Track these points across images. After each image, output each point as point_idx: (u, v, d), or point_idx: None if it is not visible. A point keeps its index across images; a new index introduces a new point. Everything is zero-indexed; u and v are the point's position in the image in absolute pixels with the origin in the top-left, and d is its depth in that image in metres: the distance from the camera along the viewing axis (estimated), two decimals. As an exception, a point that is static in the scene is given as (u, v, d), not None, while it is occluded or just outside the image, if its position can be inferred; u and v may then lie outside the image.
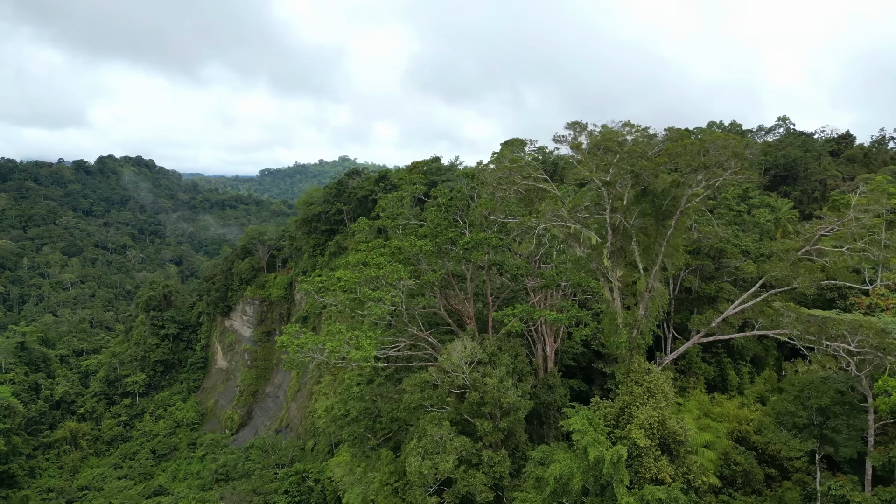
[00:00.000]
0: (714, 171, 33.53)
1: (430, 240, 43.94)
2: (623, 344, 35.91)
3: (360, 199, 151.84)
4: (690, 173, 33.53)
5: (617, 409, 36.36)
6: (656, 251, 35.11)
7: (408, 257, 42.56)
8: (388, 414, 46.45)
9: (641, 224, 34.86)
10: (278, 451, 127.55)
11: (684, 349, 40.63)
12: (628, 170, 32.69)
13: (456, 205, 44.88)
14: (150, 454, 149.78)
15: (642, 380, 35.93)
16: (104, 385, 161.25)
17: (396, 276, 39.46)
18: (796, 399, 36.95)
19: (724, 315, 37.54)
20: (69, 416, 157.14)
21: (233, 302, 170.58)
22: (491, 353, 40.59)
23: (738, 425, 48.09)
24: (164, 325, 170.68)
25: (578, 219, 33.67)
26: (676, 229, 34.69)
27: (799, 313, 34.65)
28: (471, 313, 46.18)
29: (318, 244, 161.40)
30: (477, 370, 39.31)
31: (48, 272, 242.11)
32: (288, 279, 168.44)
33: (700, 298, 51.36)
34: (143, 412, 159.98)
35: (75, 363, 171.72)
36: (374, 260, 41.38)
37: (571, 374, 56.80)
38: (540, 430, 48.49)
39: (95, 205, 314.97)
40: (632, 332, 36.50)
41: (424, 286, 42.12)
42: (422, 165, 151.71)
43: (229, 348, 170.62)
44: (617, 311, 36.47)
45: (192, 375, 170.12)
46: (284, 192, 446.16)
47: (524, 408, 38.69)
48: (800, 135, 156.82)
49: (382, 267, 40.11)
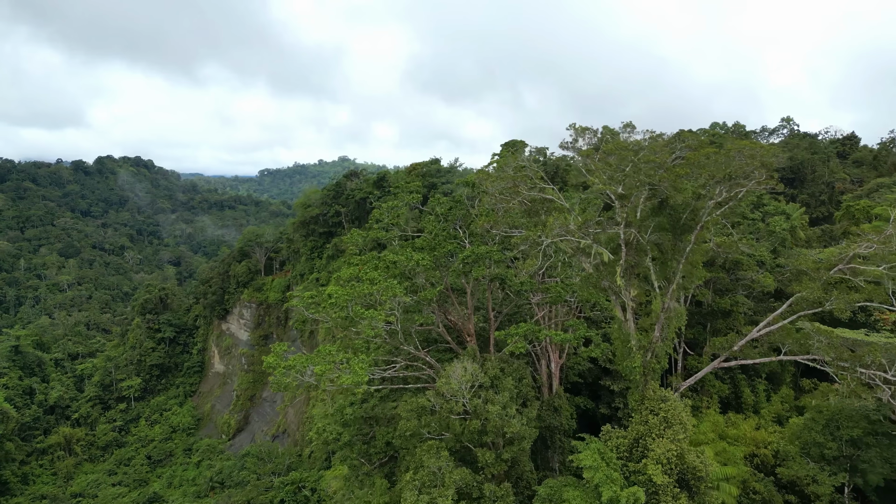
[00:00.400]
0: (739, 181, 30.45)
1: (428, 252, 40.80)
2: (637, 369, 32.80)
3: (358, 202, 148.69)
4: (713, 184, 30.42)
5: (630, 440, 33.21)
6: (673, 268, 32.03)
7: (403, 272, 39.40)
8: (383, 437, 43.32)
9: (657, 239, 31.79)
10: (274, 458, 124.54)
11: (702, 374, 37.53)
12: (645, 181, 29.62)
13: (455, 214, 41.76)
14: (146, 460, 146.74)
15: (658, 408, 32.79)
16: (99, 389, 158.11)
17: (391, 293, 36.32)
18: (825, 429, 33.93)
19: (747, 338, 34.45)
20: (63, 422, 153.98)
21: (230, 305, 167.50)
22: (493, 377, 37.43)
23: (755, 448, 44.97)
24: (160, 328, 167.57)
25: (589, 233, 30.60)
26: (696, 245, 31.59)
27: (831, 338, 31.59)
28: (471, 330, 43.03)
29: (316, 247, 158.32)
30: (478, 395, 36.16)
31: (45, 274, 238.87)
32: (286, 282, 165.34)
33: (714, 313, 48.32)
34: (138, 417, 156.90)
35: (70, 367, 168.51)
36: (367, 275, 38.21)
37: (577, 391, 53.70)
38: (545, 453, 45.36)
39: (94, 205, 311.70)
40: (646, 355, 33.37)
41: (421, 302, 38.98)
42: (421, 167, 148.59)
43: (226, 352, 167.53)
44: (630, 332, 33.36)
45: (189, 379, 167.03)
46: (284, 193, 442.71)
47: (529, 437, 35.56)
48: (804, 136, 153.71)
49: (376, 283, 36.96)
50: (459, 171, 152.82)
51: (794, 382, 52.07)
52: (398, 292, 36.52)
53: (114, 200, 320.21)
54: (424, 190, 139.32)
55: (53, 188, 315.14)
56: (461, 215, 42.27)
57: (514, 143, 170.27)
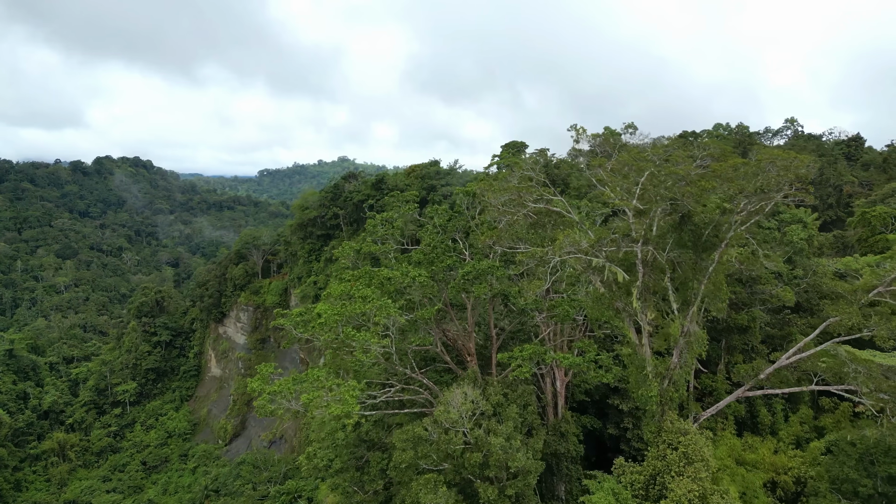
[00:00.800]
0: (770, 195, 27.34)
1: (426, 266, 37.66)
2: (653, 398, 29.68)
3: (356, 204, 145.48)
4: (740, 198, 27.32)
5: (647, 477, 30.10)
6: (694, 289, 28.96)
7: (399, 289, 36.25)
8: (378, 464, 40.17)
9: (676, 257, 28.71)
10: (270, 466, 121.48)
11: (725, 403, 34.43)
12: (666, 196, 26.54)
13: (455, 225, 38.64)
14: (141, 466, 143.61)
15: (677, 442, 29.67)
16: (94, 394, 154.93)
17: (385, 312, 33.17)
18: (858, 464, 30.92)
19: (775, 366, 31.36)
20: (57, 427, 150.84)
21: (226, 308, 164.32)
22: (496, 404, 34.28)
23: (774, 475, 41.85)
24: (156, 331, 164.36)
25: (602, 251, 27.54)
26: (720, 264, 28.50)
27: (869, 367, 28.51)
28: (472, 349, 39.89)
29: (314, 249, 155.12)
30: (479, 424, 33.03)
31: (42, 275, 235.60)
32: (283, 285, 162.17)
33: (730, 329, 45.23)
34: (133, 422, 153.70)
35: (65, 371, 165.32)
36: (359, 292, 35.06)
37: (583, 410, 50.57)
38: (550, 480, 42.24)
39: (92, 206, 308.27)
40: (663, 382, 30.27)
41: (418, 321, 35.83)
42: (420, 169, 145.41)
43: (223, 356, 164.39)
44: (646, 357, 30.25)
45: (185, 384, 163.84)
46: (283, 193, 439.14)
47: (535, 471, 32.44)
48: (810, 137, 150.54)
49: (369, 301, 33.81)
50: (459, 173, 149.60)
51: (812, 401, 48.95)
52: (393, 312, 33.39)
53: (112, 201, 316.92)
54: (424, 192, 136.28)
55: (51, 189, 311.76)
56: (461, 226, 39.14)
57: (515, 144, 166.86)
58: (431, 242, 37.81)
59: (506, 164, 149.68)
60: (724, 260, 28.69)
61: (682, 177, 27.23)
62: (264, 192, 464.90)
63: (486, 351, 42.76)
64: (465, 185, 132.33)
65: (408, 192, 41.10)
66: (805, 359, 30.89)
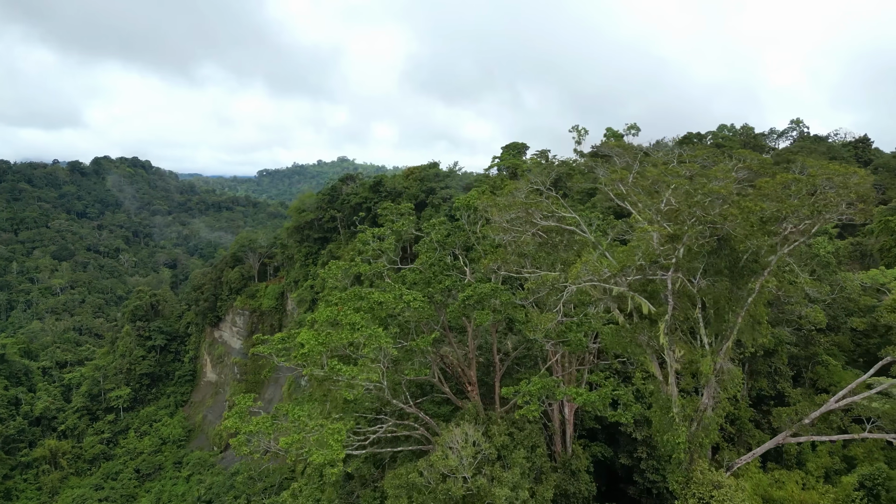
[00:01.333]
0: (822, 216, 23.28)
1: (422, 287, 33.55)
2: (681, 445, 25.62)
3: (353, 207, 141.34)
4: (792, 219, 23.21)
5: (674, 536, 26.06)
6: (730, 322, 24.96)
7: (392, 314, 32.13)
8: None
9: (710, 286, 24.68)
10: (265, 477, 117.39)
11: (763, 450, 30.38)
12: (704, 219, 22.43)
13: (454, 241, 34.58)
14: (134, 474, 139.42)
15: (708, 496, 25.61)
16: (87, 400, 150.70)
17: (375, 343, 29.07)
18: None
19: (822, 410, 27.35)
20: (49, 433, 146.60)
21: (222, 312, 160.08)
22: (501, 446, 30.18)
23: (804, 514, 37.74)
24: (150, 335, 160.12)
25: (626, 280, 23.52)
26: (760, 294, 24.45)
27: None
28: (473, 378, 35.77)
29: (311, 252, 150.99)
30: (482, 470, 28.94)
31: (38, 277, 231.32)
32: (280, 289, 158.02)
33: (753, 353, 41.22)
34: (127, 428, 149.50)
35: (58, 376, 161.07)
36: (347, 318, 30.93)
37: (593, 436, 46.49)
38: (559, 521, 38.12)
39: (90, 207, 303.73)
40: (692, 426, 26.22)
41: (413, 351, 31.74)
42: (419, 171, 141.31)
43: (218, 360, 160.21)
44: (672, 398, 26.22)
45: (180, 389, 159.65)
46: (283, 193, 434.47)
47: (545, 524, 28.41)
48: (816, 139, 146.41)
49: (358, 329, 29.70)
50: (459, 175, 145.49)
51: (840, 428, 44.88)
52: (384, 342, 29.25)
53: (110, 202, 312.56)
54: (423, 195, 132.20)
55: (49, 189, 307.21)
56: (461, 241, 35.04)
57: (515, 145, 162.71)
58: (428, 260, 33.68)
59: (507, 167, 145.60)
60: (764, 289, 24.68)
61: (723, 196, 23.14)
62: (264, 193, 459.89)
63: (488, 378, 38.68)
64: (465, 188, 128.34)
65: (403, 203, 36.86)
66: (857, 400, 26.89)
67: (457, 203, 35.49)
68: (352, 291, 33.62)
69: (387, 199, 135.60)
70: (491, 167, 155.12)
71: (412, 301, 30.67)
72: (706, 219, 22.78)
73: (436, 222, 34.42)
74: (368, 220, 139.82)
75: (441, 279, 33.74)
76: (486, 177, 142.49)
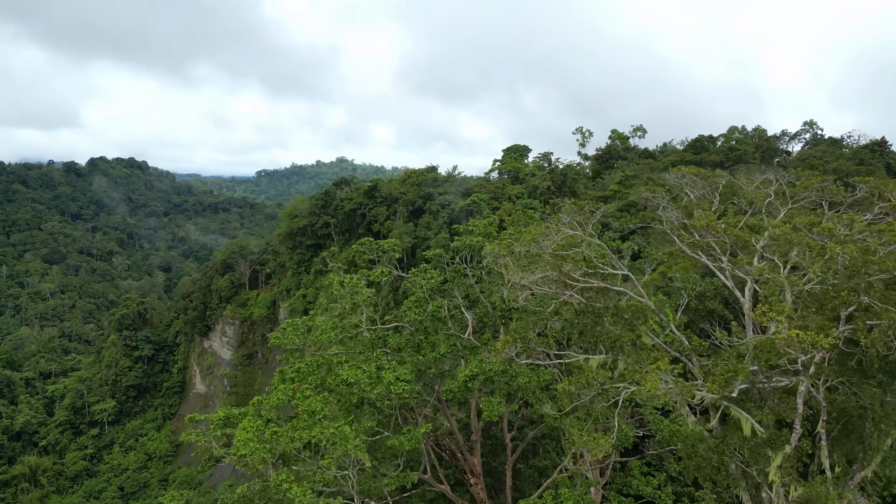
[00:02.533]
0: None
1: (410, 354, 24.47)
2: None
3: (348, 213, 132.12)
4: None
5: None
6: (872, 443, 16.20)
7: (365, 399, 23.01)
8: None
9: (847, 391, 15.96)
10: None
11: None
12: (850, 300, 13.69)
13: (451, 287, 25.51)
14: (118, 492, 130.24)
15: None
16: (70, 413, 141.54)
17: (341, 448, 19.93)
18: None
19: None
20: (30, 449, 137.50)
21: (212, 321, 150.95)
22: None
23: None
24: (137, 345, 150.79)
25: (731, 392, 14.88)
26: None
27: None
28: (477, 467, 26.70)
29: (303, 260, 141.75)
30: None
31: (27, 281, 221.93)
32: (271, 297, 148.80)
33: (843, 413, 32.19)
34: (112, 443, 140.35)
35: (42, 387, 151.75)
36: (304, 404, 21.87)
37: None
38: None
39: (84, 208, 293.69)
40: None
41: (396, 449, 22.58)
42: (416, 175, 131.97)
43: (208, 371, 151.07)
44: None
45: (168, 401, 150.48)
46: (281, 194, 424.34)
47: None
48: (832, 142, 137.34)
49: (317, 424, 20.61)
50: (458, 180, 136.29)
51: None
52: (352, 447, 20.11)
53: (105, 203, 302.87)
54: (420, 201, 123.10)
55: (44, 190, 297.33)
56: (462, 289, 25.95)
57: (517, 147, 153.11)
58: (416, 317, 24.52)
59: (508, 170, 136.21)
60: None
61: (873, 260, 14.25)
62: (262, 193, 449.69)
63: (496, 461, 29.50)
64: (464, 193, 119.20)
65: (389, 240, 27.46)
66: None
67: (456, 244, 26.18)
68: (314, 360, 24.36)
69: (382, 205, 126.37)
70: (491, 171, 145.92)
71: (394, 383, 21.47)
72: (852, 300, 13.92)
73: (426, 268, 25.29)
74: (363, 226, 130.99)
75: (435, 341, 24.56)
76: (486, 181, 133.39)
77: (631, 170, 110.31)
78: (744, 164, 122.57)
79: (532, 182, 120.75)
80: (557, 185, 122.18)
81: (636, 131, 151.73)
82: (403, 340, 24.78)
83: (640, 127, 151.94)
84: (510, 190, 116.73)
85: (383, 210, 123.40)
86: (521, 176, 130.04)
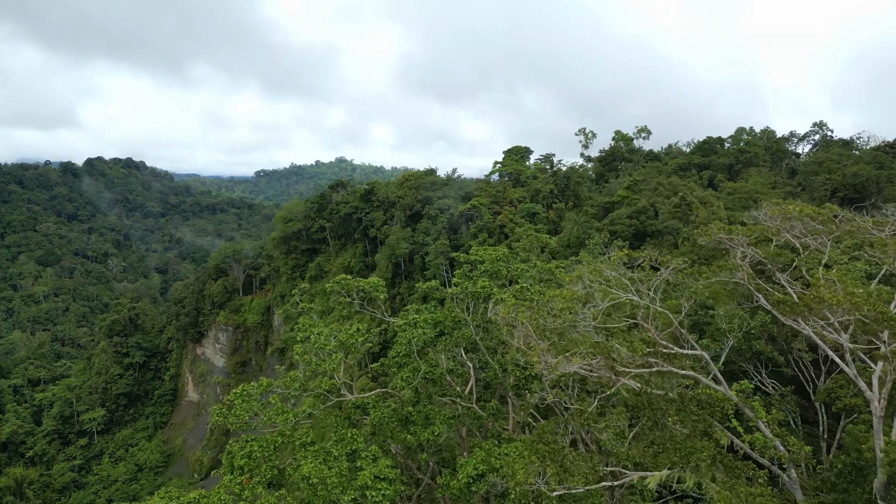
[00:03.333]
0: None
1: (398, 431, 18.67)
2: None
3: (343, 217, 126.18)
4: None
5: None
6: None
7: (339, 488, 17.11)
8: None
9: None
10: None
11: None
12: None
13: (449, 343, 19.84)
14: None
15: None
16: (58, 423, 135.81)
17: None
18: None
19: None
20: (17, 460, 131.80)
21: (204, 328, 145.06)
22: None
23: None
24: (128, 352, 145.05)
25: None
26: None
27: None
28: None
29: (298, 265, 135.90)
30: None
31: (21, 284, 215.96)
32: (266, 303, 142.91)
33: None
34: (101, 453, 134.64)
35: (30, 395, 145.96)
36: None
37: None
38: None
39: (81, 209, 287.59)
40: None
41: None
42: (415, 179, 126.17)
43: (200, 379, 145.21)
44: None
45: (160, 409, 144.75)
46: (280, 194, 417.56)
47: None
48: (843, 144, 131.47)
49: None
50: (458, 183, 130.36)
51: None
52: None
53: (102, 204, 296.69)
54: (418, 205, 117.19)
55: (40, 191, 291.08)
56: (464, 341, 20.25)
57: (518, 149, 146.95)
58: (408, 384, 18.73)
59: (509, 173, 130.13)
60: None
61: None
62: (261, 193, 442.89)
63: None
64: (464, 197, 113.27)
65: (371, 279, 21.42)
66: None
67: (454, 291, 20.24)
68: (270, 440, 18.51)
69: (379, 210, 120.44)
70: (492, 173, 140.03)
71: (372, 486, 15.61)
72: None
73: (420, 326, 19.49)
74: (359, 231, 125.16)
75: (429, 413, 18.72)
76: (486, 183, 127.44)
77: (639, 174, 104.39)
78: (754, 168, 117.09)
79: (534, 185, 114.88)
80: (560, 189, 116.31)
81: (640, 132, 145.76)
82: (387, 414, 18.87)
83: (645, 128, 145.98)
84: (511, 193, 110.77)
85: (380, 214, 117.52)
86: (523, 179, 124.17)
